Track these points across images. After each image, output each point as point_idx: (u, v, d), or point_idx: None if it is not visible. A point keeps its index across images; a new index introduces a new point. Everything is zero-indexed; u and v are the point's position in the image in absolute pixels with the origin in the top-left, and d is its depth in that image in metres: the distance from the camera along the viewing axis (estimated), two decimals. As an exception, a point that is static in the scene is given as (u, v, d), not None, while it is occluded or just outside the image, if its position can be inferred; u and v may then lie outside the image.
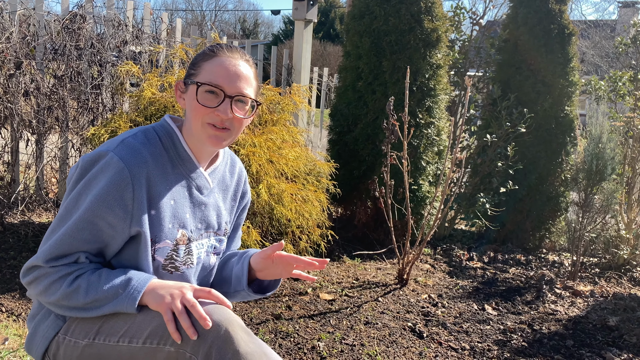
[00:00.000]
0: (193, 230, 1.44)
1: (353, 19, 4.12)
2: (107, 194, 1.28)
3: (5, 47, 3.45)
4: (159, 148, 1.38)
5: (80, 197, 1.30)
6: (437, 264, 3.96)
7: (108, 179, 1.28)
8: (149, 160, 1.34)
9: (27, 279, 1.33)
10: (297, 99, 3.41)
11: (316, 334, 2.58)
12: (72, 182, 1.34)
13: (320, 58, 19.14)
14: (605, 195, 3.88)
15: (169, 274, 1.41)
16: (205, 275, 1.55)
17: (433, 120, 4.02)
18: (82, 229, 1.29)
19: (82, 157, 1.35)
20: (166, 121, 1.45)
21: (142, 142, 1.36)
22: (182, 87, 1.44)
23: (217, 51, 1.40)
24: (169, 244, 1.39)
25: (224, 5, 44.31)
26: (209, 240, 1.51)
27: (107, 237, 1.32)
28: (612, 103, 5.14)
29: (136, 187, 1.30)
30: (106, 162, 1.29)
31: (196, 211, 1.45)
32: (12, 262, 3.02)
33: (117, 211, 1.29)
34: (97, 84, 3.89)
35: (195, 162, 1.44)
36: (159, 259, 1.38)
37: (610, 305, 3.32)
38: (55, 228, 1.32)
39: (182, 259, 1.42)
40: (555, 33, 4.49)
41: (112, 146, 1.32)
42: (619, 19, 23.09)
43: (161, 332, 1.24)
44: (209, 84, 1.35)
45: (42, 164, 3.87)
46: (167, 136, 1.41)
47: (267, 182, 2.87)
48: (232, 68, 1.38)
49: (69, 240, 1.29)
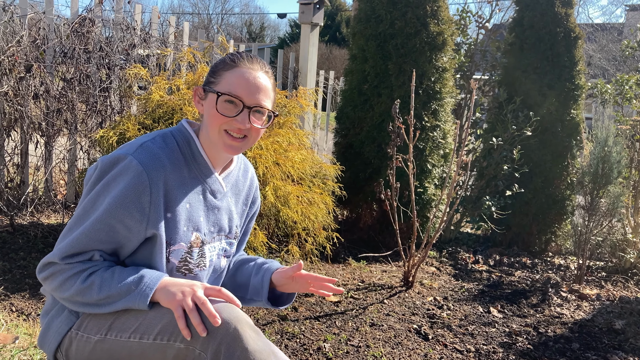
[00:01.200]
0: (206, 233, 1.47)
1: (359, 22, 4.14)
2: (125, 197, 1.31)
3: (16, 50, 3.50)
4: (177, 153, 1.41)
5: (99, 199, 1.33)
6: (443, 266, 3.97)
7: (127, 182, 1.31)
8: (167, 164, 1.37)
9: (43, 275, 1.36)
10: (304, 101, 3.44)
11: (322, 335, 2.60)
12: (90, 182, 1.37)
13: (326, 61, 19.18)
14: (612, 199, 3.88)
15: (182, 276, 1.44)
16: (216, 278, 1.58)
17: (439, 123, 4.04)
18: (99, 229, 1.32)
19: (101, 159, 1.37)
20: (184, 126, 1.48)
21: (161, 146, 1.39)
22: (201, 94, 1.46)
23: (238, 61, 1.42)
24: (184, 246, 1.42)
25: (230, 8, 44.46)
26: (221, 243, 1.54)
27: (122, 239, 1.35)
28: (618, 106, 5.14)
29: (153, 191, 1.33)
30: (125, 165, 1.32)
31: (210, 215, 1.48)
32: (22, 263, 3.06)
33: (134, 214, 1.32)
34: (105, 86, 3.93)
35: (210, 167, 1.47)
36: (174, 261, 1.41)
37: (617, 309, 3.32)
38: (73, 227, 1.35)
39: (195, 262, 1.45)
40: (561, 36, 4.49)
41: (131, 150, 1.35)
42: (626, 22, 23.01)
43: (171, 329, 1.26)
44: (229, 95, 1.39)
45: (51, 165, 3.91)
46: (185, 141, 1.44)
47: (274, 184, 2.89)
48: (252, 80, 1.41)
49: (85, 240, 1.32)
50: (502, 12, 5.71)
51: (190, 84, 3.22)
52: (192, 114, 2.97)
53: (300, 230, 3.05)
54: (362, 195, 4.11)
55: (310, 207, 3.02)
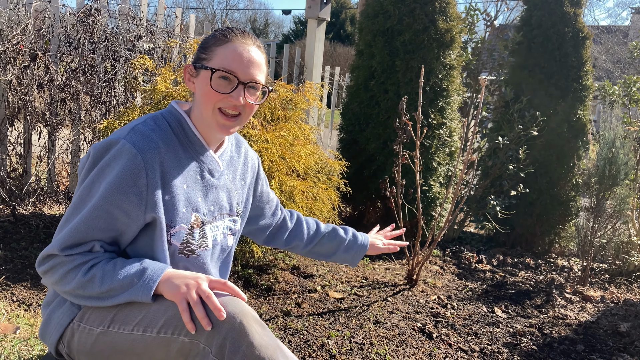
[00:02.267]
0: (206, 213, 1.44)
1: (367, 18, 4.11)
2: (121, 181, 1.27)
3: (21, 39, 3.47)
4: (169, 133, 1.38)
5: (94, 185, 1.29)
6: (447, 265, 3.94)
7: (121, 166, 1.27)
8: (160, 145, 1.34)
9: (42, 268, 1.33)
10: (310, 96, 3.40)
11: (325, 332, 2.58)
12: (84, 171, 1.34)
13: (330, 58, 19.13)
14: (617, 201, 3.85)
15: (185, 258, 1.41)
16: (225, 257, 1.56)
17: (445, 121, 4.01)
18: (97, 217, 1.28)
19: (93, 146, 1.34)
20: (173, 107, 1.45)
21: (153, 128, 1.36)
22: (192, 71, 1.42)
23: (231, 36, 1.39)
24: (184, 227, 1.39)
25: (234, 4, 44.42)
26: (224, 222, 1.52)
27: (121, 225, 1.32)
28: (625, 108, 5.10)
29: (149, 173, 1.30)
30: (118, 150, 1.29)
31: (208, 194, 1.45)
32: (24, 253, 3.03)
33: (131, 197, 1.28)
34: (110, 77, 3.90)
35: (205, 145, 1.44)
36: (176, 244, 1.38)
37: (621, 312, 3.29)
38: (70, 217, 1.31)
39: (197, 242, 1.43)
40: (569, 36, 4.46)
41: (123, 134, 1.32)
42: (631, 24, 22.94)
43: (176, 322, 1.24)
44: (223, 70, 1.35)
45: (54, 156, 3.88)
46: (176, 121, 1.41)
47: (279, 178, 2.86)
48: (246, 54, 1.37)
49: (83, 229, 1.29)
50: (509, 12, 5.68)
51: (196, 76, 3.19)
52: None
53: (304, 225, 3.02)
54: (367, 192, 4.08)
55: (315, 202, 2.99)
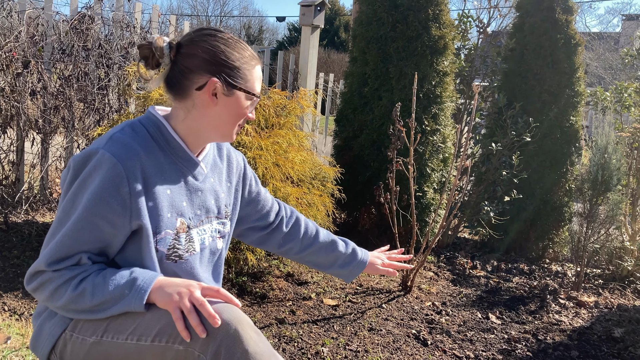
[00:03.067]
0: (192, 217, 1.43)
1: (360, 25, 4.12)
2: (103, 191, 1.26)
3: (14, 46, 3.46)
4: (148, 140, 1.37)
5: (77, 198, 1.28)
6: (441, 271, 3.94)
7: (102, 176, 1.26)
8: (140, 152, 1.33)
9: (32, 286, 1.31)
10: (304, 102, 3.41)
11: (320, 339, 2.57)
12: (66, 184, 1.32)
13: (324, 65, 19.18)
14: (610, 206, 3.87)
15: (173, 263, 1.39)
16: (216, 260, 1.54)
17: (439, 127, 4.02)
18: (82, 228, 1.27)
19: (73, 158, 1.33)
20: (151, 113, 1.43)
21: (131, 135, 1.35)
22: (225, 90, 1.38)
23: (256, 61, 1.45)
24: (170, 233, 1.38)
25: (229, 11, 44.43)
26: (211, 225, 1.50)
27: (108, 236, 1.30)
28: (617, 114, 5.14)
29: (131, 181, 1.29)
30: (98, 160, 1.27)
31: (193, 198, 1.45)
32: (16, 261, 3.01)
33: (115, 207, 1.27)
34: (103, 84, 3.90)
35: (186, 150, 1.43)
36: (162, 250, 1.37)
37: (615, 317, 3.30)
38: (55, 231, 1.30)
39: (184, 247, 1.41)
40: (561, 43, 4.49)
41: (101, 143, 1.31)
42: (622, 31, 23.16)
43: (170, 331, 1.23)
44: (255, 95, 1.44)
45: (47, 163, 3.86)
46: (154, 127, 1.40)
47: (273, 185, 2.86)
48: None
49: (69, 242, 1.27)
50: (501, 19, 5.72)
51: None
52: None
53: (298, 232, 3.02)
54: (361, 199, 4.09)
55: (310, 208, 2.99)
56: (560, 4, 4.53)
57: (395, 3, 3.93)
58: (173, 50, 1.38)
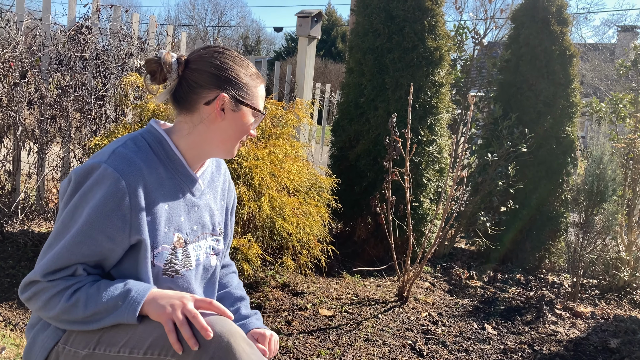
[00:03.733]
0: (189, 232, 1.44)
1: (357, 36, 4.15)
2: (105, 206, 1.26)
3: (11, 56, 3.47)
4: (150, 154, 1.38)
5: (77, 211, 1.28)
6: (437, 282, 3.94)
7: (104, 191, 1.27)
8: (142, 168, 1.33)
9: (25, 295, 1.31)
10: (301, 113, 3.42)
11: (316, 350, 2.56)
12: (66, 196, 1.32)
13: (321, 75, 19.27)
14: (606, 217, 3.88)
15: (169, 279, 1.39)
16: (210, 277, 1.54)
17: (435, 137, 4.04)
18: (80, 242, 1.27)
19: (74, 170, 1.33)
20: (152, 126, 1.44)
21: (133, 150, 1.35)
22: (232, 105, 1.40)
23: (260, 80, 1.48)
24: (167, 248, 1.38)
25: (226, 21, 44.62)
26: (207, 241, 1.51)
27: (106, 251, 1.30)
28: (612, 125, 5.17)
29: (132, 196, 1.29)
30: (100, 174, 1.28)
31: (190, 213, 1.45)
32: (11, 272, 3.00)
33: (115, 222, 1.28)
34: (100, 95, 3.91)
35: (186, 165, 1.44)
36: (159, 264, 1.37)
37: (611, 328, 3.30)
38: (52, 243, 1.30)
39: (181, 262, 1.41)
40: (556, 54, 4.52)
41: (104, 157, 1.31)
42: (618, 42, 23.32)
43: (162, 343, 1.22)
44: (260, 112, 1.46)
45: (43, 173, 3.86)
46: (156, 141, 1.41)
47: (269, 195, 2.86)
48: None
49: (67, 255, 1.27)
50: (497, 30, 5.76)
51: (187, 94, 3.19)
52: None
53: (295, 242, 3.02)
54: (357, 209, 4.09)
55: (306, 219, 2.99)
56: (555, 15, 4.57)
57: (392, 15, 3.96)
58: (181, 65, 1.40)
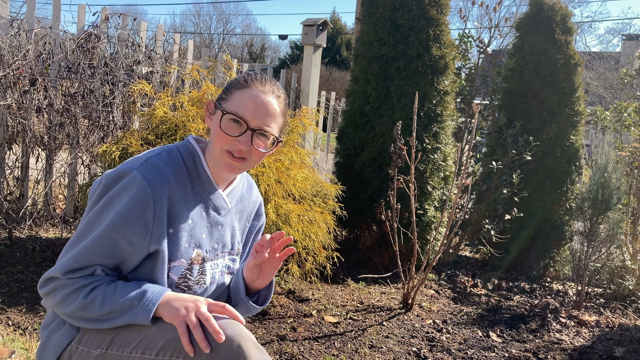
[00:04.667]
0: (209, 250, 1.46)
1: (362, 44, 4.19)
2: (129, 212, 1.30)
3: (21, 64, 3.52)
4: (182, 168, 1.41)
5: (102, 213, 1.32)
6: (442, 289, 3.95)
7: (131, 197, 1.30)
8: (171, 180, 1.37)
9: (44, 290, 1.35)
10: (306, 120, 3.45)
11: (321, 356, 2.57)
12: (94, 197, 1.36)
13: (325, 83, 19.33)
14: (611, 225, 3.88)
15: (181, 292, 1.42)
16: (219, 295, 1.56)
17: (439, 145, 4.06)
18: (102, 244, 1.31)
19: (106, 174, 1.37)
20: (190, 142, 1.47)
21: (166, 161, 1.39)
22: (211, 109, 1.46)
23: (250, 82, 1.42)
24: (184, 262, 1.41)
25: (231, 29, 44.87)
26: (224, 260, 1.53)
27: (125, 254, 1.34)
28: (617, 133, 5.18)
29: (157, 207, 1.32)
30: (129, 180, 1.32)
31: (213, 231, 1.47)
32: (20, 277, 3.03)
33: (137, 229, 1.31)
34: (108, 102, 3.95)
35: (214, 183, 1.46)
36: (173, 277, 1.40)
37: (616, 336, 3.30)
38: (75, 242, 1.34)
39: (195, 279, 1.44)
40: (561, 63, 4.55)
41: (136, 164, 1.35)
42: (622, 51, 23.33)
43: (174, 345, 1.25)
44: (234, 114, 1.38)
45: (51, 179, 3.90)
46: (190, 157, 1.44)
47: (275, 202, 2.89)
48: (260, 102, 1.40)
49: (87, 255, 1.31)
50: (502, 39, 5.79)
51: (195, 101, 3.23)
52: (196, 131, 2.98)
53: (300, 249, 3.04)
54: (362, 216, 4.11)
55: (311, 226, 3.01)
56: (560, 24, 4.60)
57: (397, 23, 4.00)
58: None
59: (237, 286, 1.56)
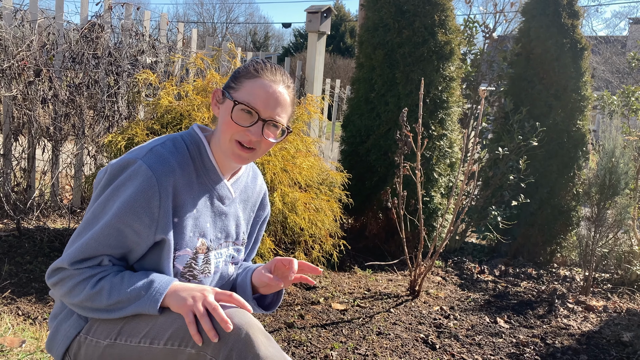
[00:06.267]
0: (213, 239, 1.46)
1: (367, 31, 4.15)
2: (135, 202, 1.30)
3: (25, 55, 3.51)
4: (186, 157, 1.41)
5: (108, 203, 1.32)
6: (449, 276, 3.95)
7: (136, 187, 1.30)
8: (176, 169, 1.36)
9: (52, 280, 1.35)
10: (311, 108, 3.44)
11: (329, 343, 2.58)
12: (100, 187, 1.36)
13: (330, 71, 19.23)
14: (618, 210, 3.86)
15: (186, 282, 1.42)
16: (223, 285, 1.57)
17: (445, 132, 4.04)
18: (108, 234, 1.31)
19: (111, 163, 1.37)
20: (194, 130, 1.47)
21: (171, 150, 1.38)
22: (219, 97, 1.44)
23: (262, 72, 1.40)
24: (189, 252, 1.41)
25: (235, 18, 44.71)
26: (228, 249, 1.53)
27: (131, 244, 1.34)
28: (624, 118, 5.14)
29: (163, 196, 1.32)
30: (134, 170, 1.31)
31: (217, 221, 1.47)
32: (28, 267, 3.05)
33: (143, 218, 1.31)
34: (113, 92, 3.94)
35: (219, 172, 1.46)
36: (178, 267, 1.40)
37: (624, 321, 3.30)
38: (82, 232, 1.34)
39: (200, 268, 1.44)
40: (567, 47, 4.50)
41: (141, 154, 1.34)
42: (629, 35, 23.08)
43: (182, 334, 1.25)
44: (246, 104, 1.36)
45: (57, 170, 3.91)
46: (195, 146, 1.43)
47: (281, 190, 2.89)
48: (272, 93, 1.38)
49: (94, 245, 1.31)
50: (507, 24, 5.73)
51: (199, 90, 3.22)
52: (201, 120, 2.98)
53: (307, 237, 3.05)
54: (368, 204, 4.10)
55: (317, 214, 3.01)
56: (566, 8, 4.54)
57: (402, 9, 3.96)
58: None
59: (244, 285, 1.56)
